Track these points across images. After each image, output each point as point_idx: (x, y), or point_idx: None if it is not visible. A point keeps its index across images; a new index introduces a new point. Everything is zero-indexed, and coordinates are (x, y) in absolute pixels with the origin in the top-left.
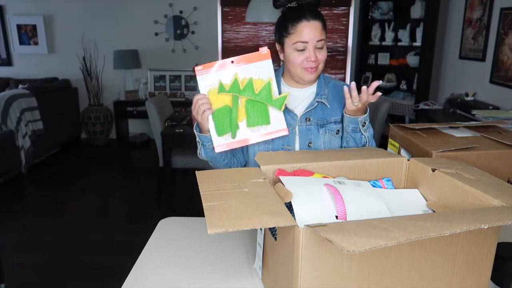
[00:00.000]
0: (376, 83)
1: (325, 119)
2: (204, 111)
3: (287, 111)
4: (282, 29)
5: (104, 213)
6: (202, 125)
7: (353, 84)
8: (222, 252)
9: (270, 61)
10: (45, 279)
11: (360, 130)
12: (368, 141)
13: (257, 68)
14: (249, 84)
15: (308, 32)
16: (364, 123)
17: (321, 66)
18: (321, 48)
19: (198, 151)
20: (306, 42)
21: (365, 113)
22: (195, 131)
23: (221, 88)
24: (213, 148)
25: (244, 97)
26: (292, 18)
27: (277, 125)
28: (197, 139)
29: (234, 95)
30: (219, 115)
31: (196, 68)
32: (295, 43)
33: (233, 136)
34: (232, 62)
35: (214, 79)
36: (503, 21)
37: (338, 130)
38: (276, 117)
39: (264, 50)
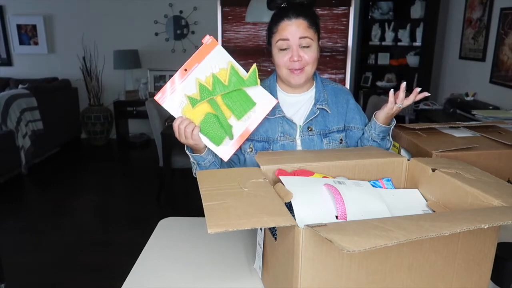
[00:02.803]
0: (426, 94)
1: (327, 128)
2: (192, 131)
3: (285, 120)
4: (269, 30)
5: (104, 213)
6: (196, 146)
7: (404, 84)
8: (222, 252)
9: (219, 46)
10: (45, 279)
11: (389, 135)
12: (392, 142)
13: (211, 61)
14: (215, 80)
15: (289, 29)
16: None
17: (308, 68)
18: (307, 47)
19: (194, 171)
20: (287, 40)
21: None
22: (187, 152)
23: (193, 101)
24: (210, 164)
25: (218, 95)
26: (276, 18)
27: (263, 101)
28: (191, 160)
29: (209, 99)
30: (207, 127)
31: (156, 97)
32: (277, 42)
33: (231, 137)
34: (186, 70)
35: (180, 97)
36: (503, 21)
37: (341, 139)
38: (258, 93)
39: (208, 39)
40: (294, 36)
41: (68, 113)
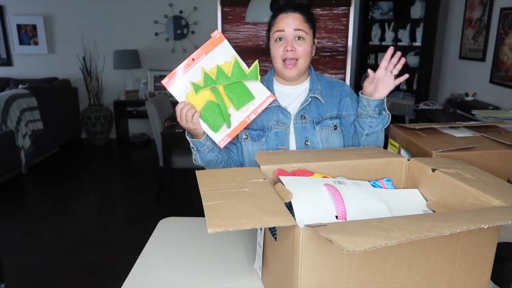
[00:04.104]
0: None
1: (320, 116)
2: (193, 115)
3: (280, 109)
4: (268, 26)
5: (104, 213)
6: (195, 130)
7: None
8: (222, 252)
9: (226, 41)
10: (45, 279)
11: (384, 108)
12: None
13: (217, 53)
14: (219, 71)
15: (285, 21)
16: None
17: (302, 61)
18: (301, 40)
19: (193, 157)
20: (283, 31)
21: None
22: (187, 137)
23: (196, 87)
24: (208, 151)
25: (220, 84)
26: (274, 14)
27: (261, 96)
28: (191, 145)
29: (212, 87)
30: (207, 113)
31: (163, 82)
32: (274, 33)
33: (229, 126)
34: (193, 59)
35: (185, 83)
36: (503, 21)
37: (335, 126)
38: (257, 89)
39: (216, 34)
40: (290, 27)
41: (68, 113)
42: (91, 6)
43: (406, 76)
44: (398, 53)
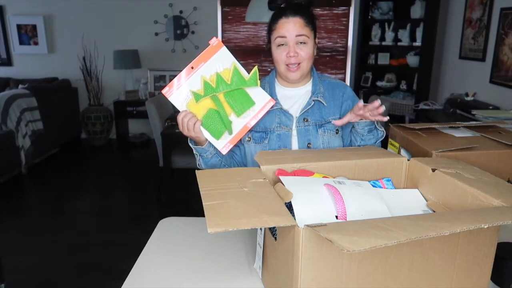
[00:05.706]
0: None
1: (323, 119)
2: (194, 124)
3: (282, 112)
4: (268, 28)
5: (104, 213)
6: (198, 138)
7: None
8: (222, 252)
9: (224, 48)
10: (45, 279)
11: (376, 127)
12: (384, 131)
13: (216, 61)
14: (218, 79)
15: (286, 27)
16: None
17: (304, 64)
18: (303, 44)
19: (198, 162)
20: (285, 37)
21: None
22: (190, 144)
23: (197, 96)
24: (212, 156)
25: (221, 92)
26: (275, 17)
27: (262, 101)
28: (194, 152)
29: (212, 95)
30: (208, 121)
31: (163, 91)
32: (276, 39)
33: (231, 132)
34: (192, 67)
35: (185, 92)
36: (503, 21)
37: (337, 130)
38: (257, 94)
39: (214, 41)
40: (291, 34)
41: (68, 113)
42: (91, 6)
43: (385, 118)
44: (377, 104)
